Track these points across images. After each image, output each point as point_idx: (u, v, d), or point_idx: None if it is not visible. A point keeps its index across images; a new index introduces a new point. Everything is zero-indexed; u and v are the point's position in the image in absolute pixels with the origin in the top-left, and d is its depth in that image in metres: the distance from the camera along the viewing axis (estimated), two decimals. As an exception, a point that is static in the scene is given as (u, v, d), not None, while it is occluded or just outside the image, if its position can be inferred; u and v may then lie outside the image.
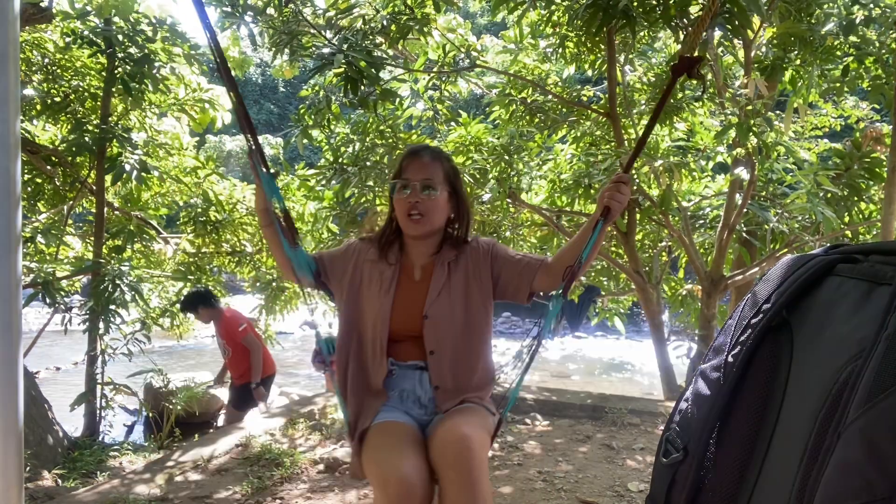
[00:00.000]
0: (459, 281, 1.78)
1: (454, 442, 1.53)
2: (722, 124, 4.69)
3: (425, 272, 1.81)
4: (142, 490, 2.92)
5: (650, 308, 5.76)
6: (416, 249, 1.83)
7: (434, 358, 1.74)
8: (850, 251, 0.72)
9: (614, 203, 1.64)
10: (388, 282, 1.78)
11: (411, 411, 1.76)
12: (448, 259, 1.80)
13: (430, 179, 1.75)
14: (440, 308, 1.75)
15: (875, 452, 0.55)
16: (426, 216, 1.74)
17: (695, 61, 1.68)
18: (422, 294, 1.77)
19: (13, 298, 1.81)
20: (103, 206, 5.78)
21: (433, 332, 1.74)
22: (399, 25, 4.34)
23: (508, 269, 1.79)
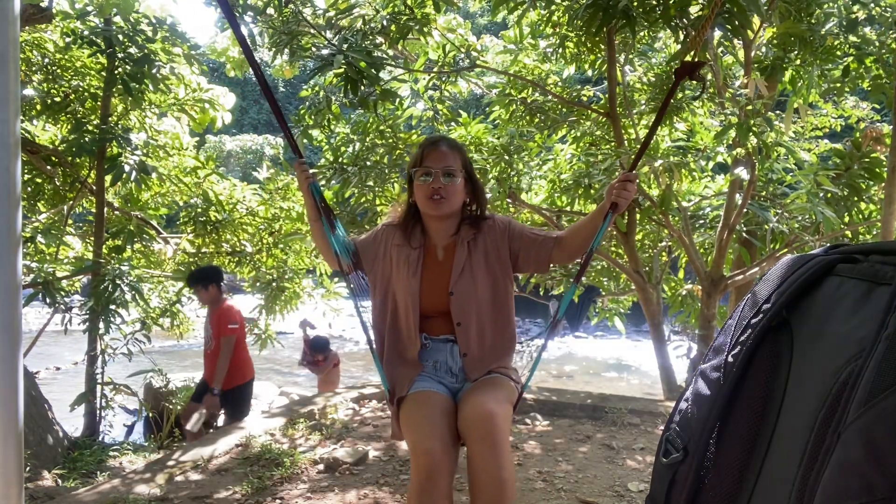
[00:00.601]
0: (479, 258, 1.96)
1: (481, 419, 1.71)
2: (722, 124, 4.69)
3: (447, 252, 1.98)
4: (142, 490, 2.92)
5: (650, 308, 5.76)
6: (437, 231, 1.99)
7: (461, 329, 1.93)
8: (850, 251, 0.72)
9: (621, 200, 1.82)
10: (414, 264, 1.95)
11: (444, 380, 1.95)
12: (467, 238, 1.97)
13: (451, 167, 1.92)
14: (464, 284, 1.93)
15: (875, 452, 0.55)
16: (447, 199, 1.91)
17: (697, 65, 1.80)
18: (446, 272, 1.95)
19: (13, 298, 1.82)
20: (103, 206, 5.78)
21: (459, 306, 1.92)
22: (399, 25, 4.34)
23: (527, 246, 1.97)
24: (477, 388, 1.87)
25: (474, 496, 1.72)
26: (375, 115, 4.94)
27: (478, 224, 2.01)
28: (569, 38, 5.00)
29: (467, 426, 1.75)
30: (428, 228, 2.01)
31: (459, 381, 1.96)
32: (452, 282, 1.93)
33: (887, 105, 5.13)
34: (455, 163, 1.94)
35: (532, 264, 2.00)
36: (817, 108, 6.57)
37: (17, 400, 1.78)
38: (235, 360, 4.54)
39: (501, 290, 1.99)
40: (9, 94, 1.62)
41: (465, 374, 1.95)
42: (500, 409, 1.74)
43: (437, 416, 1.78)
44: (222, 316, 4.54)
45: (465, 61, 5.07)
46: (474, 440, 1.71)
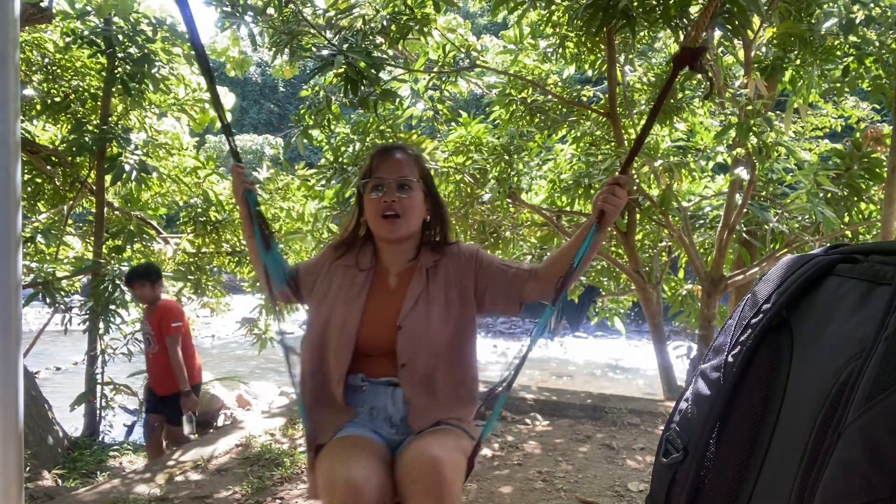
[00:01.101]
0: (438, 289, 1.64)
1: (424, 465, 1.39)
2: (722, 124, 4.69)
3: (402, 279, 1.67)
4: (142, 490, 2.92)
5: (650, 308, 5.76)
6: (391, 255, 1.69)
7: (405, 371, 1.59)
8: (850, 251, 0.72)
9: (609, 207, 1.52)
10: (358, 287, 1.65)
11: (381, 430, 1.60)
12: (427, 265, 1.67)
13: (407, 178, 1.63)
14: (416, 318, 1.60)
15: (875, 452, 0.55)
16: (403, 217, 1.62)
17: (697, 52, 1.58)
18: (396, 303, 1.63)
19: (13, 298, 1.82)
20: (103, 206, 5.78)
21: (407, 344, 1.59)
22: (399, 26, 4.34)
23: (495, 282, 1.66)
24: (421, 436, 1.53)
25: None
26: (375, 115, 4.94)
27: (440, 250, 1.70)
28: (569, 38, 5.00)
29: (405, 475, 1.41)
30: (380, 251, 1.70)
31: (400, 433, 1.60)
32: (402, 314, 1.60)
33: (887, 105, 5.13)
34: (412, 173, 1.65)
35: (501, 303, 1.66)
36: (817, 108, 6.57)
37: (17, 400, 1.78)
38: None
39: (461, 329, 1.65)
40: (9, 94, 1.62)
41: (408, 425, 1.59)
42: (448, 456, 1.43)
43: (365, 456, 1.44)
44: (165, 315, 4.08)
45: (465, 61, 5.07)
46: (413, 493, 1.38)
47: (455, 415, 1.63)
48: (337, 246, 1.75)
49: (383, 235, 1.65)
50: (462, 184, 5.39)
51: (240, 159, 1.71)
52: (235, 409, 7.11)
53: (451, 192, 5.55)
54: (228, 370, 9.03)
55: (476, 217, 5.85)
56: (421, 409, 1.60)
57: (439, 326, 1.61)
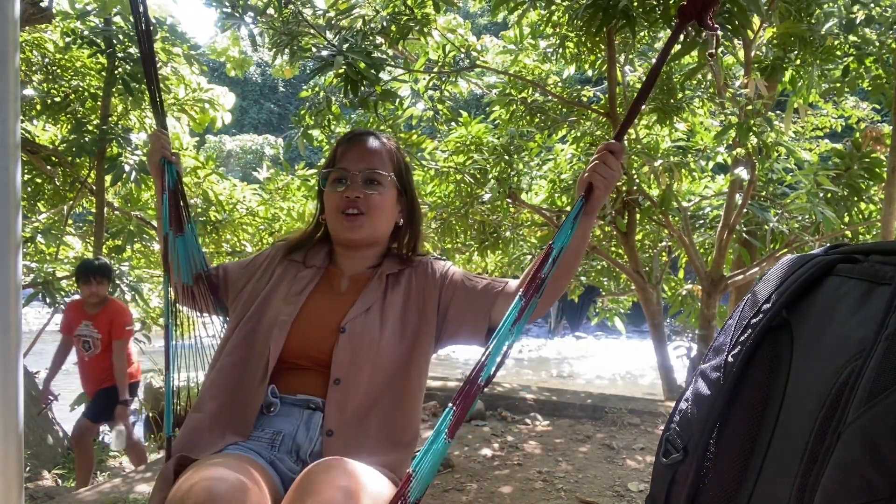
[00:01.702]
0: (397, 301, 1.34)
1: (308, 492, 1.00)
2: (722, 124, 4.69)
3: (355, 284, 1.37)
4: (142, 490, 2.92)
5: (650, 308, 5.77)
6: (348, 260, 1.41)
7: (338, 390, 1.24)
8: (850, 251, 0.72)
9: (598, 177, 1.18)
10: (301, 285, 1.35)
11: (281, 463, 1.20)
12: (388, 272, 1.38)
13: (375, 171, 1.35)
14: (365, 326, 1.29)
15: (875, 452, 0.55)
16: (367, 215, 1.34)
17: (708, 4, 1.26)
18: (344, 306, 1.32)
19: (13, 298, 1.81)
20: (103, 206, 5.78)
21: (347, 353, 1.26)
22: (399, 26, 4.34)
23: (462, 295, 1.34)
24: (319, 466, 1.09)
25: None
26: (376, 116, 4.95)
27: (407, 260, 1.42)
28: (569, 38, 5.00)
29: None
30: (336, 254, 1.42)
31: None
32: (349, 317, 1.29)
33: (887, 105, 5.13)
34: (383, 166, 1.36)
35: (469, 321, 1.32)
36: (817, 108, 6.57)
37: (17, 400, 1.78)
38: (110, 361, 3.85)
39: (416, 354, 1.31)
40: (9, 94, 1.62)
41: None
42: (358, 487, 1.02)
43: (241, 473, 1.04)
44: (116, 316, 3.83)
45: (465, 61, 5.08)
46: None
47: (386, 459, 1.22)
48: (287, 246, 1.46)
49: (342, 236, 1.37)
50: (462, 184, 5.39)
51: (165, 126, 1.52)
52: (235, 409, 7.11)
53: (452, 192, 5.55)
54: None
55: (476, 217, 5.85)
56: (343, 444, 1.20)
57: (392, 344, 1.29)
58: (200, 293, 1.47)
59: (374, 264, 1.41)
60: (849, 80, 5.02)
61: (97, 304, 3.85)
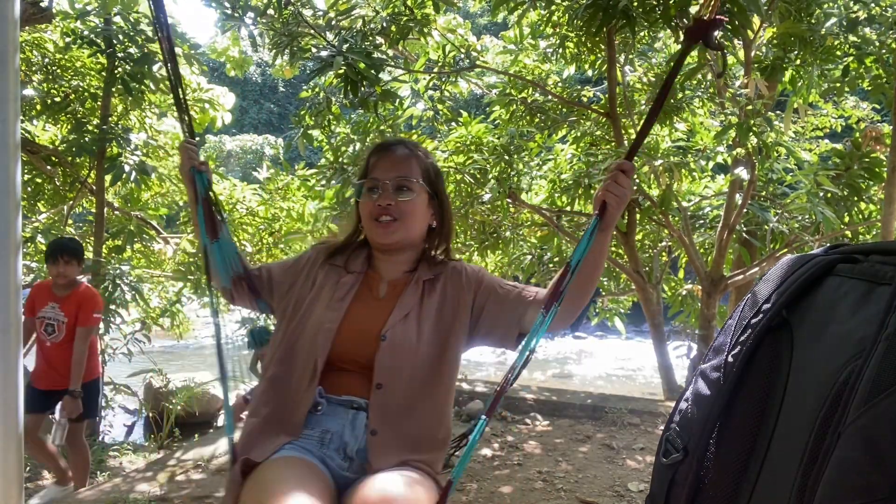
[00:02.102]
0: (433, 306, 1.42)
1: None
2: (722, 124, 4.69)
3: (393, 289, 1.45)
4: (142, 489, 2.92)
5: (650, 308, 5.77)
6: (385, 264, 1.48)
7: (380, 394, 1.33)
8: (850, 251, 0.72)
9: (611, 196, 1.26)
10: (343, 291, 1.42)
11: (330, 461, 1.31)
12: (425, 277, 1.45)
13: (406, 178, 1.42)
14: (403, 333, 1.37)
15: (875, 452, 0.55)
16: (400, 220, 1.41)
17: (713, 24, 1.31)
18: (383, 313, 1.40)
19: (13, 299, 1.82)
20: (103, 206, 5.78)
21: (388, 360, 1.34)
22: (399, 26, 4.34)
23: (495, 302, 1.42)
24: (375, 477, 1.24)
25: None
26: (376, 116, 4.95)
27: (442, 264, 1.49)
28: (569, 38, 5.00)
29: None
30: (375, 259, 1.49)
31: (353, 470, 1.31)
32: (388, 325, 1.36)
33: (887, 105, 5.13)
34: (413, 173, 1.43)
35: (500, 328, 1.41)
36: (817, 108, 6.58)
37: (17, 400, 1.78)
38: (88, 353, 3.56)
39: (451, 357, 1.41)
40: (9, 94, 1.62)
41: (367, 460, 1.31)
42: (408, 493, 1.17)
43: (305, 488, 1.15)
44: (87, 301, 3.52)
45: (465, 61, 5.08)
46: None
47: (425, 457, 1.34)
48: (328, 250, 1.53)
49: (377, 241, 1.45)
50: (462, 184, 5.39)
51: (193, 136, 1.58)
52: (235, 409, 7.10)
53: (452, 192, 5.55)
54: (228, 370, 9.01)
55: (476, 217, 5.85)
56: (386, 443, 1.31)
57: (428, 349, 1.38)
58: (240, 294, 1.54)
59: (411, 269, 1.48)
60: (849, 80, 5.02)
61: (66, 287, 3.54)
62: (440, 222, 1.51)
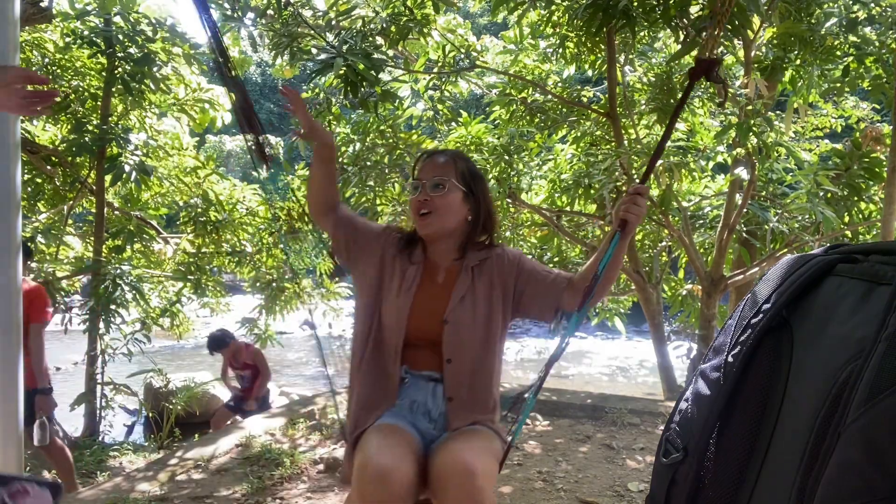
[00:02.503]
0: (483, 288, 1.71)
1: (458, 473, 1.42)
2: (722, 124, 4.69)
3: (449, 275, 1.74)
4: (142, 489, 2.92)
5: (650, 308, 5.77)
6: (437, 252, 1.76)
7: (451, 367, 1.66)
8: (850, 251, 0.72)
9: (630, 216, 1.59)
10: (409, 281, 1.71)
11: (419, 423, 1.65)
12: (472, 264, 1.73)
13: (441, 178, 1.70)
14: (462, 314, 1.67)
15: (875, 452, 0.55)
16: (435, 213, 1.69)
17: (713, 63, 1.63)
18: (444, 297, 1.69)
19: (13, 299, 1.81)
20: (103, 206, 5.78)
21: (453, 338, 1.65)
22: (399, 26, 4.34)
23: (534, 285, 1.73)
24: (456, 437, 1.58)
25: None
26: (376, 116, 4.95)
27: (486, 250, 1.77)
28: (569, 38, 5.00)
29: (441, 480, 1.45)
30: (428, 248, 1.77)
31: (438, 429, 1.66)
32: (449, 309, 1.67)
33: (887, 105, 5.13)
34: (447, 173, 1.71)
35: (537, 306, 1.73)
36: (817, 108, 6.57)
37: (17, 400, 1.78)
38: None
39: (499, 331, 1.73)
40: (9, 94, 1.62)
41: (447, 421, 1.66)
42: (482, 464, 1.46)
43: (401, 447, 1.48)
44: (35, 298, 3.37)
45: (465, 61, 5.08)
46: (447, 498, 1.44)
47: (489, 416, 1.70)
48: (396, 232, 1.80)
49: (420, 231, 1.74)
50: (462, 184, 5.38)
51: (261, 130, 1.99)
52: (235, 409, 7.10)
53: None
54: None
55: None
56: (461, 406, 1.66)
57: (482, 324, 1.69)
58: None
59: (459, 256, 1.75)
60: (849, 80, 5.02)
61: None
62: (475, 216, 1.75)
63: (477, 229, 1.77)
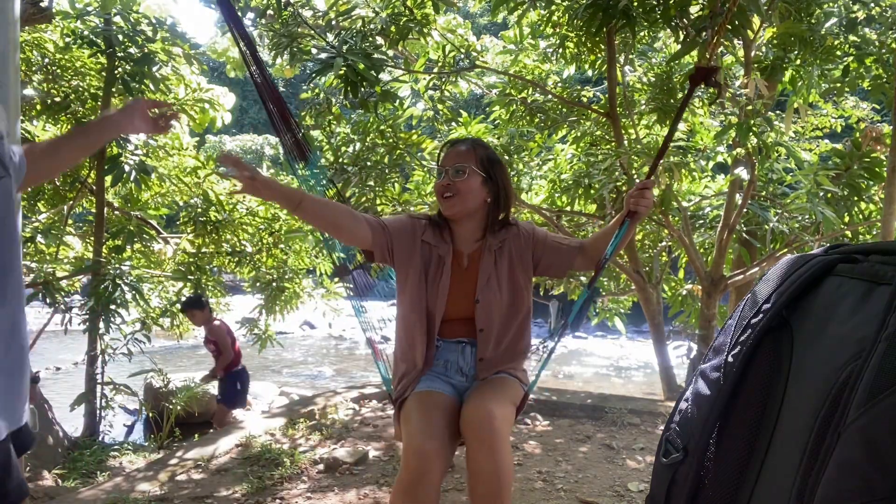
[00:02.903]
0: (504, 266, 1.96)
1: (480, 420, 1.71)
2: (722, 124, 4.69)
3: (472, 259, 1.98)
4: (142, 489, 2.92)
5: (650, 308, 5.76)
6: (462, 235, 1.99)
7: (483, 335, 1.94)
8: (850, 251, 0.72)
9: (640, 208, 1.87)
10: (443, 267, 1.95)
11: (453, 379, 1.97)
12: (494, 246, 1.97)
13: (462, 164, 1.91)
14: (489, 292, 1.94)
15: (875, 452, 0.55)
16: (457, 196, 1.90)
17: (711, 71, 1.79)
18: (472, 279, 1.95)
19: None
20: (103, 206, 5.78)
21: (484, 313, 1.94)
22: (399, 26, 4.34)
23: (550, 253, 2.00)
24: (481, 387, 1.88)
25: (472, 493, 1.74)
26: (376, 116, 4.95)
27: (504, 231, 2.00)
28: (569, 39, 5.00)
29: (466, 427, 1.75)
30: (454, 232, 2.00)
31: (469, 381, 1.98)
32: (479, 290, 1.94)
33: (887, 105, 5.13)
34: (468, 160, 1.92)
35: (552, 270, 2.03)
36: (817, 108, 6.57)
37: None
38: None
39: (524, 296, 2.00)
40: (9, 94, 1.62)
41: (476, 373, 1.97)
42: (500, 410, 1.74)
43: (436, 415, 1.79)
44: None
45: (465, 61, 5.08)
46: (472, 441, 1.73)
47: (513, 365, 1.98)
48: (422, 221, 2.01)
49: (444, 212, 1.97)
50: (462, 184, 5.39)
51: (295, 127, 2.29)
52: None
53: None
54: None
55: (476, 217, 5.84)
56: (489, 364, 1.95)
57: (506, 296, 1.96)
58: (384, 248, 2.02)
59: (480, 237, 1.99)
60: (849, 80, 5.02)
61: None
62: (495, 197, 1.96)
63: (498, 209, 1.99)
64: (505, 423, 1.74)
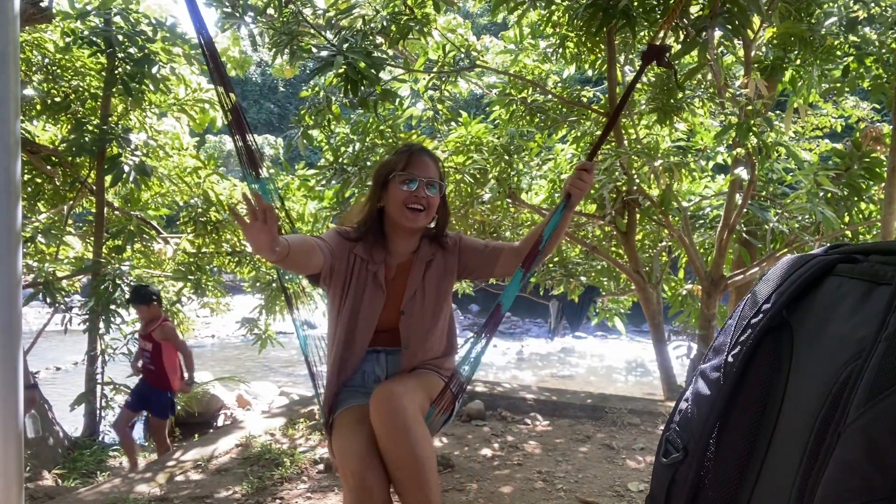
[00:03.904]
0: (433, 277, 1.92)
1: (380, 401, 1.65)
2: (722, 124, 4.69)
3: (401, 270, 1.92)
4: (142, 489, 2.92)
5: (650, 308, 5.76)
6: (398, 247, 1.92)
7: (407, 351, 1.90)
8: (850, 251, 0.72)
9: (575, 190, 1.82)
10: (378, 282, 1.88)
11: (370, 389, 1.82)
12: (426, 258, 1.93)
13: (435, 180, 1.88)
14: (415, 304, 1.89)
15: (875, 452, 0.55)
16: (426, 211, 1.85)
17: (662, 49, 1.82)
18: (399, 292, 1.90)
19: (13, 298, 1.81)
20: (103, 206, 5.78)
21: (408, 325, 1.89)
22: (399, 26, 4.34)
23: (474, 258, 1.97)
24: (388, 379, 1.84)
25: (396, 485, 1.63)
26: (375, 116, 4.95)
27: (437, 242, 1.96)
28: (569, 38, 5.00)
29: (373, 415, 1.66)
30: (390, 242, 1.91)
31: None
32: (405, 302, 1.88)
33: (887, 105, 5.13)
34: (437, 175, 1.89)
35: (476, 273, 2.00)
36: (817, 108, 6.57)
37: (17, 400, 1.78)
38: None
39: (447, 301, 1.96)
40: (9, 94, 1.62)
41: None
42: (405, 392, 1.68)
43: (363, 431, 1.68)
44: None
45: (465, 61, 5.08)
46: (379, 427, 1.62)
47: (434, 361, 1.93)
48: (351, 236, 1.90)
49: (404, 224, 1.86)
50: (462, 184, 5.40)
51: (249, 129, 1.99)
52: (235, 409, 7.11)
53: (451, 192, 5.55)
54: (228, 370, 9.04)
55: (476, 217, 5.85)
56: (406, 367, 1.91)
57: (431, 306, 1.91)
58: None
59: (415, 249, 1.93)
60: (849, 80, 5.02)
61: None
62: (443, 213, 1.96)
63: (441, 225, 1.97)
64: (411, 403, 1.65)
